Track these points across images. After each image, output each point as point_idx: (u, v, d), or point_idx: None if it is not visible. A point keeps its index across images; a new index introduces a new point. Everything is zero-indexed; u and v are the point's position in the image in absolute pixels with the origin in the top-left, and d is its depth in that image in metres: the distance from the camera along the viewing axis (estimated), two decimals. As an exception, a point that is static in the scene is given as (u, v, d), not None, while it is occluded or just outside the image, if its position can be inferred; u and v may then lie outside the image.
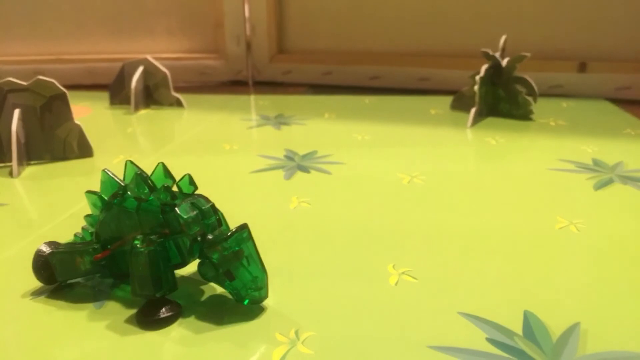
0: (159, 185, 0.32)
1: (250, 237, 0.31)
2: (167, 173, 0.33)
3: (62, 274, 0.35)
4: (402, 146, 0.65)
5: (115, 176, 0.34)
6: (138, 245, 0.31)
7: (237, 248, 0.31)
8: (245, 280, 0.31)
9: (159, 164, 0.33)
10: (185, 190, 0.33)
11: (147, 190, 0.32)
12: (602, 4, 0.88)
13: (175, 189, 0.33)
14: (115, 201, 0.33)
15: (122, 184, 0.33)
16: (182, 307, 0.33)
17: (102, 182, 0.34)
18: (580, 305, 0.32)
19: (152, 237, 0.31)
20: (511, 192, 0.50)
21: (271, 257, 0.39)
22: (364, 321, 0.31)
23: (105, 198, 0.34)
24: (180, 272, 0.36)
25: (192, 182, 0.33)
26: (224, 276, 0.31)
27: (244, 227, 0.31)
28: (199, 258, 0.32)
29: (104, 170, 0.34)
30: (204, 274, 0.31)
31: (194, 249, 0.31)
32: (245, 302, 0.32)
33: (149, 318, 0.31)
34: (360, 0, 1.00)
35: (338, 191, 0.51)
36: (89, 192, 0.35)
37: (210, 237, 0.31)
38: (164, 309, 0.32)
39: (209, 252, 0.31)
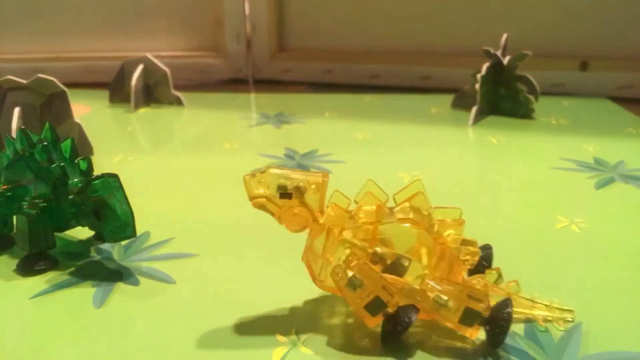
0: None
1: (119, 186, 0.35)
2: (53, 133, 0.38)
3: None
4: (402, 145, 0.65)
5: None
6: (25, 206, 0.36)
7: (103, 193, 0.35)
8: (114, 221, 0.35)
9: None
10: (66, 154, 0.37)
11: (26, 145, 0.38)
12: (604, 2, 0.87)
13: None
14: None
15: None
16: (183, 306, 0.33)
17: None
18: (581, 306, 0.32)
19: (36, 200, 0.36)
20: (512, 191, 0.50)
21: (271, 257, 0.39)
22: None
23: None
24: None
25: (74, 147, 0.38)
26: (93, 216, 0.35)
27: (112, 175, 0.35)
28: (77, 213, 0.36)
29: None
30: (78, 220, 0.36)
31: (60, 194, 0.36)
32: (111, 240, 0.36)
33: (26, 267, 0.37)
34: (361, -1, 1.00)
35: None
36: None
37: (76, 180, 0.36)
38: (41, 263, 0.37)
39: (78, 197, 0.35)
